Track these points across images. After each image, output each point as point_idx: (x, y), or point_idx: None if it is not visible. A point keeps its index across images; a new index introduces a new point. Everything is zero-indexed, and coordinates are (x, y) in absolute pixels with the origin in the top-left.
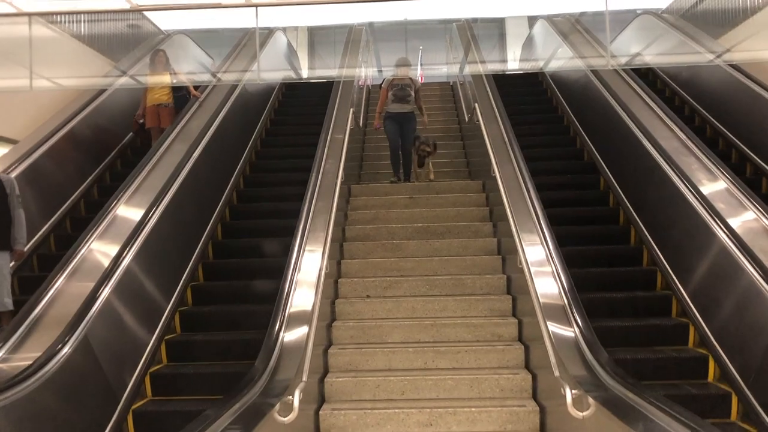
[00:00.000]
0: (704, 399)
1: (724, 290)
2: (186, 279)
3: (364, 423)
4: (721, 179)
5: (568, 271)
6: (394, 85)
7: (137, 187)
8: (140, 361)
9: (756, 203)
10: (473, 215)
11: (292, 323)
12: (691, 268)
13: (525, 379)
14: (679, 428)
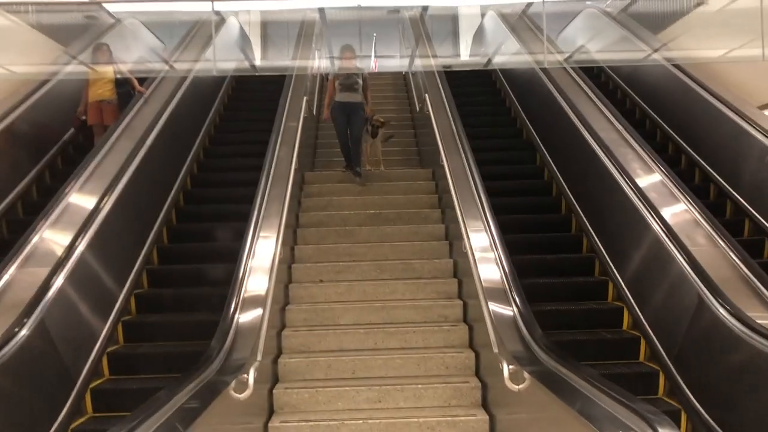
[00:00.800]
0: (635, 377)
1: (654, 275)
2: (142, 262)
3: (316, 401)
4: (655, 171)
5: (509, 256)
6: (340, 74)
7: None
8: (97, 341)
9: (685, 192)
10: (423, 202)
11: (247, 306)
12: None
13: (469, 357)
14: (601, 396)
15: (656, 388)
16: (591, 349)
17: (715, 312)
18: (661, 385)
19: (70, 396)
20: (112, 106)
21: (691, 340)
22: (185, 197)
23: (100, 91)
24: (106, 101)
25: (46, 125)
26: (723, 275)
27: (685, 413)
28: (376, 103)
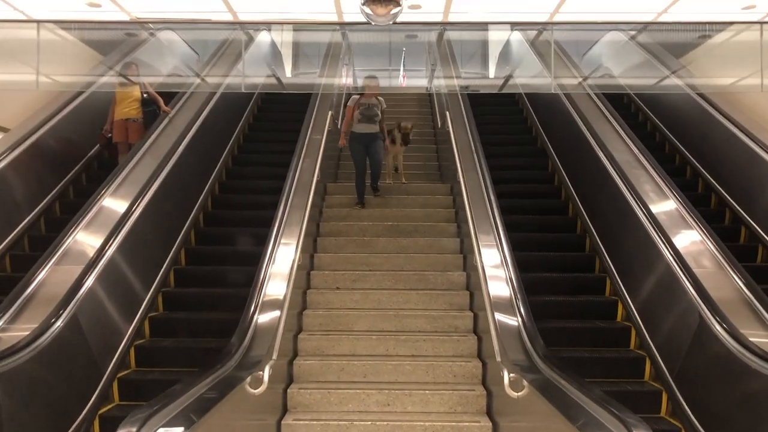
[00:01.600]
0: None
1: (647, 273)
2: (169, 262)
3: (328, 401)
4: (669, 197)
5: (518, 272)
6: (361, 104)
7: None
8: (126, 335)
9: (694, 216)
10: (440, 216)
11: (266, 308)
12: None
13: (476, 366)
14: (590, 404)
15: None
16: (599, 366)
17: (713, 330)
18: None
19: (98, 384)
20: (137, 125)
21: (691, 358)
22: (213, 202)
23: (126, 110)
24: (131, 120)
25: (73, 141)
26: (724, 296)
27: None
28: (401, 117)
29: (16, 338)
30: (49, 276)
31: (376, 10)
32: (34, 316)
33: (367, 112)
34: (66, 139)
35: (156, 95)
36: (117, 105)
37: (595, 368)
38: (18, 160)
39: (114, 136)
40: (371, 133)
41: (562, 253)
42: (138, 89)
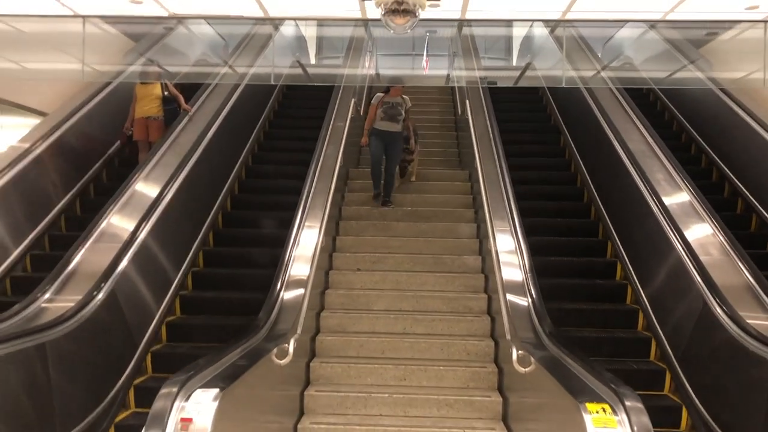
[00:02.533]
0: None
1: (656, 259)
2: (198, 244)
3: (348, 375)
4: (678, 183)
5: (531, 255)
6: (385, 102)
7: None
8: (158, 312)
9: (704, 205)
10: (458, 202)
11: (291, 286)
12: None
13: (489, 345)
14: (589, 377)
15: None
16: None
17: (715, 313)
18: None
19: (134, 355)
20: (158, 123)
21: (694, 341)
22: (240, 186)
23: (147, 108)
24: (152, 117)
25: (107, 126)
26: (728, 283)
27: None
28: (423, 104)
29: (62, 309)
30: (88, 254)
31: (396, 20)
32: (77, 289)
33: (390, 110)
34: (100, 124)
35: (177, 93)
36: (137, 103)
37: (604, 347)
38: (55, 144)
39: (134, 134)
40: (392, 131)
41: (576, 238)
42: (159, 87)
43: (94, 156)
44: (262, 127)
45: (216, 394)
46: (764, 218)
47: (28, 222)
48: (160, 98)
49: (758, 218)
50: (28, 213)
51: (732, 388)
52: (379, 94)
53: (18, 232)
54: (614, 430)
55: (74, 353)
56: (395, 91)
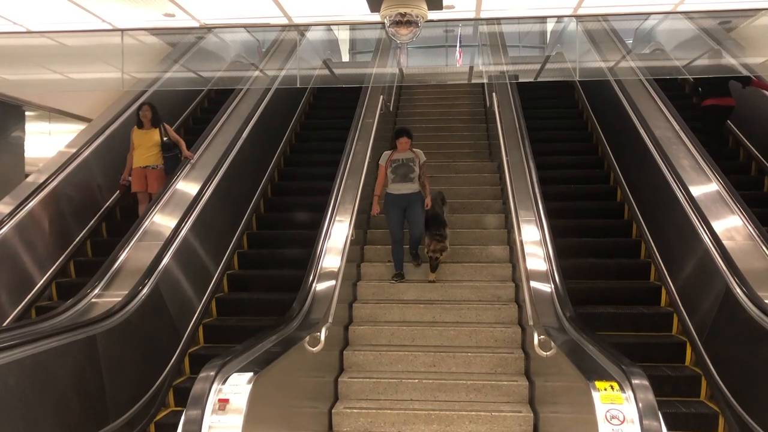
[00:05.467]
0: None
1: (680, 241)
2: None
3: (380, 362)
4: (704, 168)
5: (554, 244)
6: (394, 161)
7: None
8: (209, 288)
9: (727, 188)
10: (486, 193)
11: (322, 278)
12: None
13: (516, 332)
14: (605, 361)
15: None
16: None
17: (735, 293)
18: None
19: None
20: (157, 172)
21: (715, 318)
22: (279, 175)
23: (145, 156)
24: (151, 167)
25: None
26: (751, 266)
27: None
28: (452, 97)
29: (111, 303)
30: (132, 252)
31: (400, 31)
32: (123, 284)
33: (401, 169)
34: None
35: (178, 138)
36: (135, 150)
37: (627, 323)
38: (98, 150)
39: (132, 186)
40: (409, 193)
41: (603, 220)
42: (157, 133)
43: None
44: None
45: (251, 377)
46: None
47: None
48: (159, 145)
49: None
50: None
51: (749, 361)
52: (386, 153)
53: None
54: (620, 406)
55: (123, 343)
56: (403, 145)
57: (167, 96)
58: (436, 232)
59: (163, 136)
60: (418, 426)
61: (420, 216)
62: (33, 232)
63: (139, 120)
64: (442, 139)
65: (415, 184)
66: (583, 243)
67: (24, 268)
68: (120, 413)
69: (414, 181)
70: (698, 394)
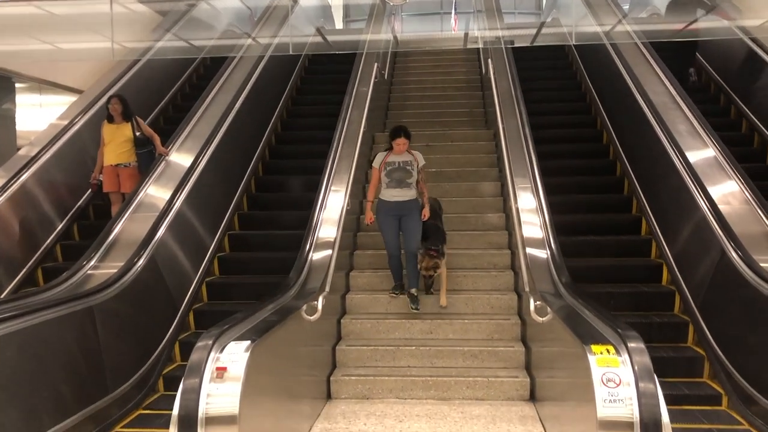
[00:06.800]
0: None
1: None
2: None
3: (377, 330)
4: (701, 134)
5: (550, 210)
6: (389, 163)
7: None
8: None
9: (721, 151)
10: (482, 161)
11: (319, 247)
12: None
13: (512, 298)
14: (601, 325)
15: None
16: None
17: (729, 255)
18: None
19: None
20: (129, 170)
21: (707, 280)
22: (277, 138)
23: (116, 153)
24: (123, 165)
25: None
26: (747, 231)
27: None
28: (447, 64)
29: (106, 275)
30: (128, 223)
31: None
32: (119, 256)
33: (396, 173)
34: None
35: (152, 132)
36: (105, 147)
37: (619, 274)
38: (91, 122)
39: (104, 185)
40: (405, 200)
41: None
42: (129, 128)
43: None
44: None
45: (248, 345)
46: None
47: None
48: (132, 140)
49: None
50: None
51: (734, 308)
52: (380, 154)
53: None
54: (616, 369)
55: (119, 314)
56: (399, 146)
57: (155, 72)
58: (432, 247)
59: (136, 131)
60: (416, 392)
61: (417, 227)
62: (25, 206)
63: (109, 114)
64: (437, 107)
65: (413, 191)
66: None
67: (17, 240)
68: (119, 384)
69: (411, 187)
70: (672, 309)
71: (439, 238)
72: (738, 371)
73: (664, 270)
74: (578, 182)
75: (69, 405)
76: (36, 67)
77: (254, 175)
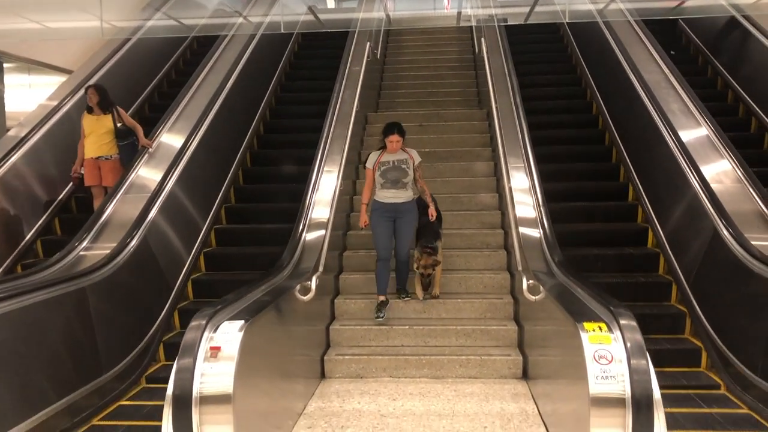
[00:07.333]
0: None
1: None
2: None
3: (370, 309)
4: (693, 112)
5: (543, 188)
6: (383, 162)
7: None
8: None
9: (715, 131)
10: (475, 141)
11: (312, 228)
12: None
13: (505, 278)
14: (594, 303)
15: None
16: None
17: (719, 231)
18: (661, 264)
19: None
20: (111, 163)
21: (699, 254)
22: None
23: (96, 146)
24: (104, 157)
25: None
26: (738, 208)
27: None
28: (441, 44)
29: (99, 256)
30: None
31: None
32: (112, 237)
33: (391, 173)
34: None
35: (134, 123)
36: (86, 138)
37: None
38: (81, 103)
39: (85, 179)
40: (400, 202)
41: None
42: (110, 119)
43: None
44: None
45: (242, 325)
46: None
47: None
48: (113, 132)
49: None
50: None
51: (724, 288)
52: (374, 153)
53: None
54: (608, 346)
55: (112, 294)
56: (393, 145)
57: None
58: (427, 245)
59: (117, 122)
60: (409, 371)
61: (409, 231)
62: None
63: (88, 105)
64: (430, 87)
65: (408, 192)
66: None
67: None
68: (113, 364)
69: (407, 187)
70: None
71: (432, 235)
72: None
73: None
74: (569, 151)
75: (57, 388)
76: (25, 46)
77: (249, 149)
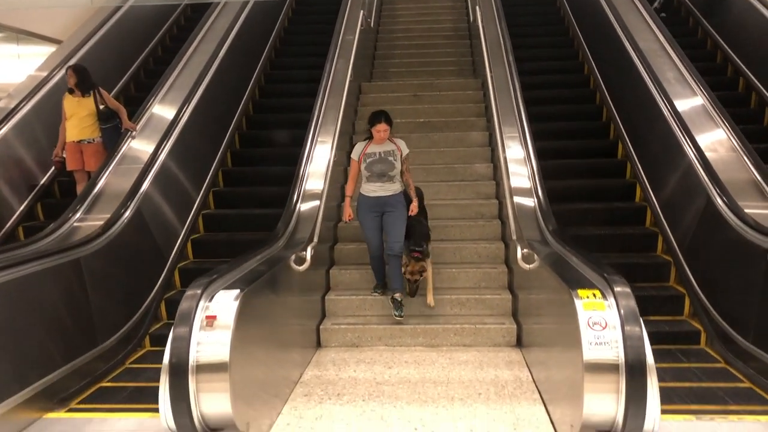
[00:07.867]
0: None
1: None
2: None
3: (366, 279)
4: (688, 80)
5: (538, 158)
6: (369, 154)
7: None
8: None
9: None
10: (470, 111)
11: (306, 199)
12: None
13: (499, 248)
14: (588, 271)
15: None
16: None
17: (712, 198)
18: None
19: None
20: (94, 147)
21: (691, 220)
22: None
23: (78, 129)
24: (86, 141)
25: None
26: (731, 177)
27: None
28: (434, 12)
29: (93, 227)
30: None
31: None
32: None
33: (377, 165)
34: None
35: (118, 105)
36: (68, 121)
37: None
38: None
39: (67, 163)
40: (387, 195)
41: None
42: (92, 101)
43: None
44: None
45: (237, 294)
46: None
47: None
48: (95, 115)
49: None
50: None
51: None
52: (360, 144)
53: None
54: (602, 312)
55: (107, 265)
56: (380, 134)
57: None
58: (415, 248)
59: (99, 104)
60: (404, 339)
61: (399, 225)
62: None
63: (69, 85)
64: (424, 56)
65: (396, 184)
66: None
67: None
68: (109, 334)
69: (394, 180)
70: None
71: (421, 236)
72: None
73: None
74: (561, 111)
75: (56, 357)
76: (13, 15)
77: (245, 115)
